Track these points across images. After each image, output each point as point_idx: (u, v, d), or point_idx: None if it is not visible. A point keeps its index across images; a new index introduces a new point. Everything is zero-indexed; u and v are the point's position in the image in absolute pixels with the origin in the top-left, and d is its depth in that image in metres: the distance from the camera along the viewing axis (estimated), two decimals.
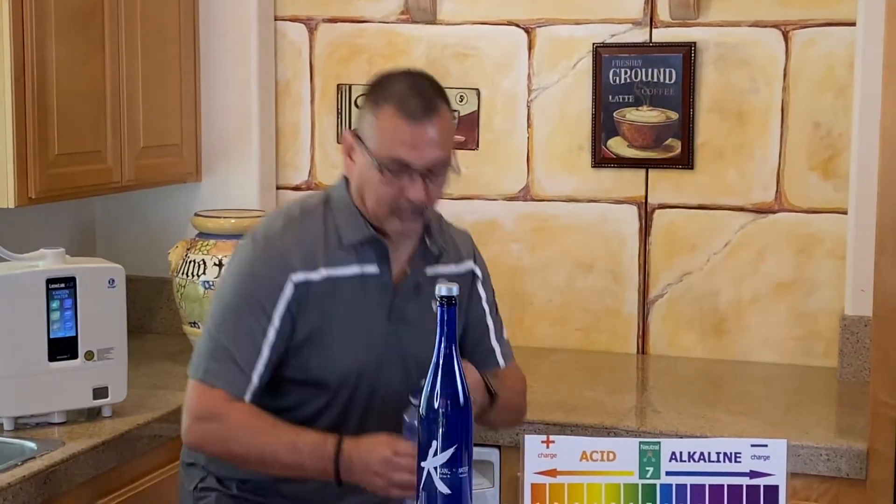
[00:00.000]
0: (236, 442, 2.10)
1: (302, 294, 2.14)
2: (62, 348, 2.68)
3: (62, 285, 2.68)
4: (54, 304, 2.67)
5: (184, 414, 2.16)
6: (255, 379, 2.12)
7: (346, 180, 2.21)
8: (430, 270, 2.24)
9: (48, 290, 2.66)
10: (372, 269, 2.18)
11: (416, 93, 2.12)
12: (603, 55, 3.38)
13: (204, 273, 3.25)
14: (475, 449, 2.71)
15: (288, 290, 2.13)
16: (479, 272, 2.35)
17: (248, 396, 2.13)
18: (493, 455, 2.79)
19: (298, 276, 2.14)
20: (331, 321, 2.16)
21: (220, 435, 2.11)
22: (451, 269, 2.27)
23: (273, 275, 2.14)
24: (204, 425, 2.12)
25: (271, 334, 2.13)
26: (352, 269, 2.18)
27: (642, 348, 3.46)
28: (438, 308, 1.73)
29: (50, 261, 2.70)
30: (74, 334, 2.69)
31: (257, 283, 2.15)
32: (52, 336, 2.66)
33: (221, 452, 2.14)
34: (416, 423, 1.84)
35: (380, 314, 2.19)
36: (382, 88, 2.17)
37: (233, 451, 2.11)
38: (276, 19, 3.66)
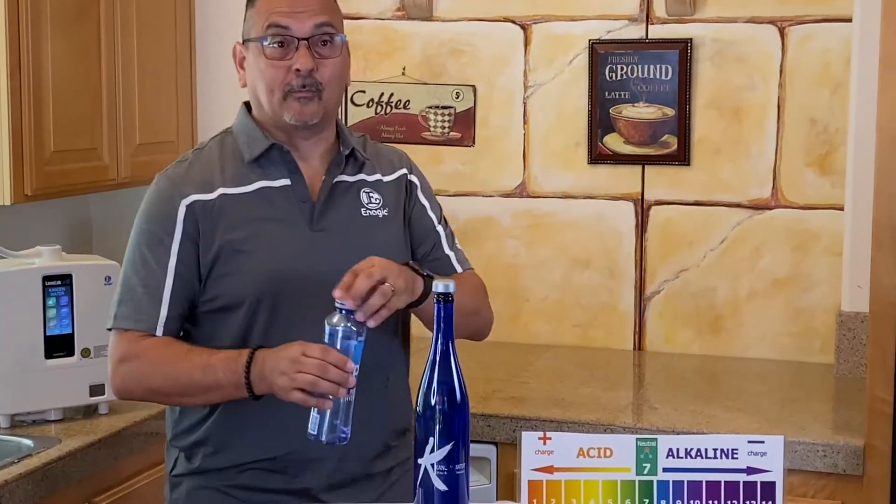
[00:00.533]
0: (154, 375, 2.06)
1: (196, 215, 2.08)
2: (58, 346, 2.68)
3: (58, 282, 2.68)
4: (50, 302, 2.67)
5: (108, 365, 2.13)
6: (164, 311, 2.07)
7: (245, 105, 2.19)
8: (353, 178, 2.18)
9: (44, 287, 2.66)
10: (283, 181, 2.12)
11: None
12: (599, 52, 3.39)
13: None
14: (472, 446, 2.72)
15: (181, 214, 2.08)
16: (416, 181, 2.27)
17: (159, 330, 2.08)
18: (489, 452, 2.79)
19: (189, 199, 2.09)
20: (237, 237, 2.08)
21: (139, 373, 2.07)
22: (378, 177, 2.21)
23: (165, 206, 2.10)
24: (123, 367, 2.08)
25: (172, 262, 2.08)
26: (255, 185, 2.11)
27: (639, 345, 3.46)
28: (435, 304, 1.72)
29: (46, 258, 2.70)
30: (71, 332, 2.69)
31: (152, 217, 2.11)
32: (48, 333, 2.67)
33: (145, 391, 2.09)
34: (338, 329, 1.87)
35: (299, 224, 2.11)
36: None
37: (153, 385, 2.06)
38: None
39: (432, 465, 1.71)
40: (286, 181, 2.12)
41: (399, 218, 2.21)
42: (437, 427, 1.70)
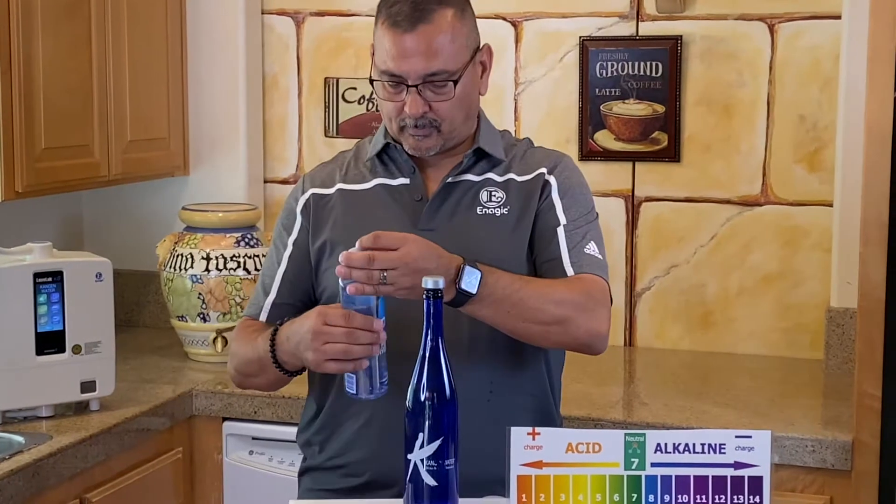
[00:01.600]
0: (234, 356, 2.16)
1: (310, 208, 2.16)
2: (49, 342, 2.68)
3: (49, 279, 2.68)
4: (41, 298, 2.67)
5: None
6: (271, 297, 2.16)
7: None
8: (479, 177, 2.14)
9: (35, 283, 2.66)
10: (402, 180, 2.14)
11: None
12: (590, 48, 3.39)
13: (191, 267, 3.25)
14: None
15: (299, 206, 2.18)
16: (554, 180, 2.15)
17: (263, 315, 2.17)
18: None
19: (308, 193, 2.18)
20: (345, 232, 2.09)
21: (230, 356, 2.18)
22: (510, 176, 2.15)
23: (290, 201, 2.21)
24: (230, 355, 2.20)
25: (287, 251, 2.17)
26: (373, 182, 2.15)
27: (629, 340, 3.47)
28: (425, 300, 1.73)
29: (37, 255, 2.70)
30: (62, 328, 2.69)
31: (282, 212, 2.23)
32: (39, 330, 2.67)
33: (234, 372, 2.17)
34: (347, 288, 1.84)
35: (405, 223, 2.08)
36: None
37: (235, 365, 2.15)
38: (263, 13, 3.66)
39: (422, 460, 1.71)
40: (405, 180, 2.14)
41: (525, 218, 2.13)
42: (427, 423, 1.71)
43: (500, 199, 2.13)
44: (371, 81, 2.08)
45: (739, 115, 3.33)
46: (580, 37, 3.40)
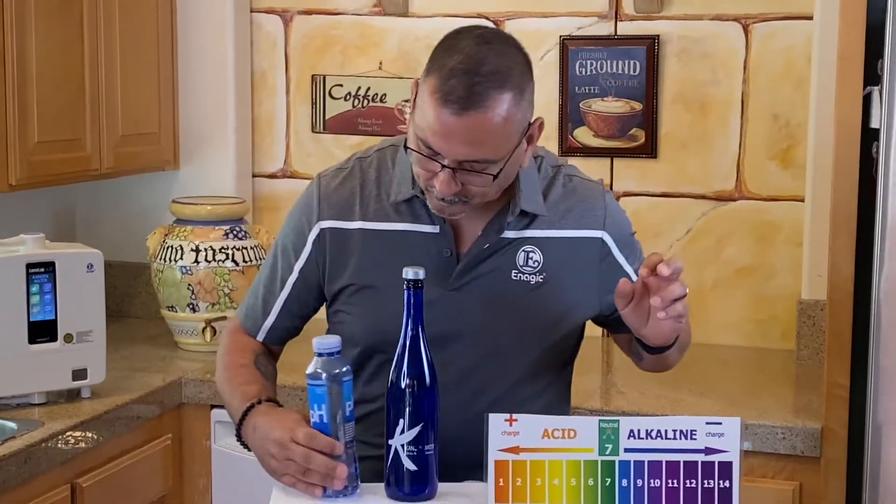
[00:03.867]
0: (219, 373, 2.07)
1: (326, 242, 1.96)
2: (42, 331, 2.68)
3: (42, 270, 2.67)
4: (34, 288, 2.66)
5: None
6: (272, 318, 2.05)
7: None
8: (517, 234, 1.94)
9: (28, 274, 2.65)
10: (431, 227, 1.92)
11: (465, 70, 1.74)
12: (569, 47, 3.40)
13: (181, 258, 3.25)
14: None
15: (311, 236, 1.97)
16: (609, 240, 1.99)
17: (261, 335, 2.07)
18: None
19: (326, 223, 1.96)
20: (365, 281, 1.94)
21: (220, 363, 2.08)
22: (551, 234, 1.95)
23: (305, 218, 1.99)
24: (222, 345, 2.11)
25: (292, 279, 2.01)
26: (400, 226, 1.93)
27: (607, 332, 3.47)
28: (405, 291, 1.73)
29: (30, 246, 2.69)
30: (54, 317, 2.69)
31: (293, 225, 2.02)
32: (31, 319, 2.66)
33: (217, 379, 2.10)
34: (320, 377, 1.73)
35: (437, 279, 1.88)
36: (442, 51, 1.82)
37: (217, 377, 2.09)
38: (251, 11, 3.65)
39: (402, 445, 1.72)
40: (434, 228, 1.92)
41: (564, 283, 1.95)
42: (407, 409, 1.73)
43: (536, 262, 1.94)
44: (405, 146, 1.86)
45: (714, 113, 3.34)
46: (560, 36, 3.41)
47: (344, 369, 1.75)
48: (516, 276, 1.94)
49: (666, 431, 1.68)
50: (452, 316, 1.91)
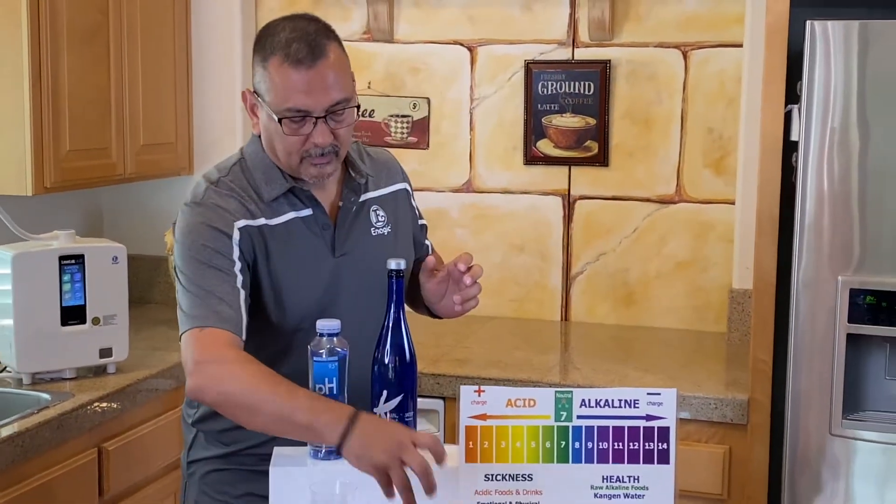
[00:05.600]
0: (233, 383, 1.73)
1: (247, 238, 1.86)
2: (73, 315, 2.67)
3: (73, 261, 2.67)
4: (66, 278, 2.66)
5: (185, 368, 1.78)
6: (244, 315, 1.81)
7: (259, 136, 1.93)
8: (363, 198, 1.98)
9: (60, 265, 2.65)
10: (306, 212, 1.91)
11: (299, 37, 1.80)
12: (533, 70, 3.40)
13: None
14: (424, 400, 2.75)
15: (235, 236, 1.85)
16: (408, 188, 2.11)
17: (243, 334, 1.81)
18: (438, 405, 2.81)
19: (240, 223, 1.86)
20: (277, 266, 1.88)
21: (219, 376, 1.74)
22: (381, 191, 2.03)
23: (218, 225, 1.85)
24: (205, 367, 1.75)
25: (239, 275, 1.83)
26: (286, 217, 1.90)
27: (565, 316, 3.49)
28: (388, 279, 1.74)
29: (62, 241, 2.69)
30: (83, 303, 2.68)
31: (208, 235, 1.84)
32: (64, 304, 2.66)
33: (218, 394, 1.74)
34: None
35: (324, 251, 1.91)
36: (267, 39, 1.84)
37: (230, 391, 1.72)
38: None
39: (385, 413, 1.73)
40: (309, 211, 1.92)
41: (403, 229, 2.04)
42: (390, 382, 1.73)
43: (383, 217, 2.01)
44: (280, 121, 1.82)
45: (658, 127, 3.35)
46: (525, 60, 3.42)
47: (346, 348, 1.72)
48: (374, 233, 1.99)
49: (612, 401, 1.69)
50: (345, 279, 1.91)
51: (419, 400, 1.82)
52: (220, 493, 1.97)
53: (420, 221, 2.17)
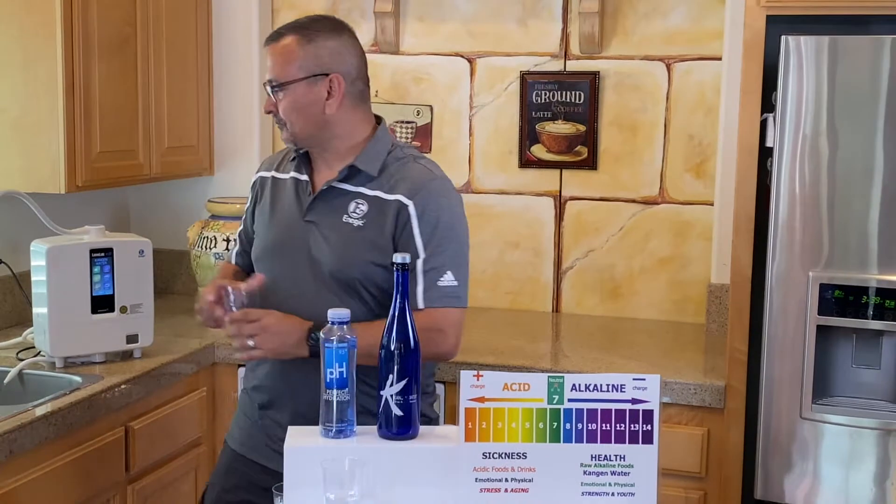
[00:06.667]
0: None
1: (258, 185, 2.23)
2: (102, 304, 2.67)
3: (102, 254, 2.67)
4: (96, 269, 2.66)
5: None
6: (237, 243, 2.30)
7: None
8: (355, 187, 2.06)
9: (91, 258, 2.65)
10: (304, 176, 2.13)
11: (286, 25, 2.08)
12: (528, 80, 3.40)
13: (215, 246, 3.24)
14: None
15: (254, 181, 2.25)
16: (413, 209, 2.02)
17: (233, 258, 2.31)
18: (439, 389, 2.80)
19: (259, 174, 2.24)
20: (265, 210, 2.17)
21: None
22: (377, 193, 2.04)
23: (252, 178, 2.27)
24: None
25: (248, 211, 2.26)
26: (289, 175, 2.16)
27: (556, 308, 3.49)
28: (394, 272, 1.74)
29: (93, 235, 2.68)
30: (112, 293, 2.68)
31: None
32: (94, 294, 2.66)
33: None
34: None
35: (299, 211, 2.10)
36: None
37: None
38: None
39: (391, 395, 1.73)
40: (305, 177, 2.13)
41: (378, 233, 2.02)
42: (396, 367, 1.72)
43: (361, 212, 2.04)
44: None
45: (642, 134, 3.35)
46: (521, 71, 3.41)
47: (355, 335, 1.73)
48: (345, 219, 2.05)
49: (601, 385, 1.69)
50: (301, 239, 2.06)
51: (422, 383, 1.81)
52: None
53: (418, 249, 2.01)
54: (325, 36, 2.05)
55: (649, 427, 1.68)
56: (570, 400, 1.69)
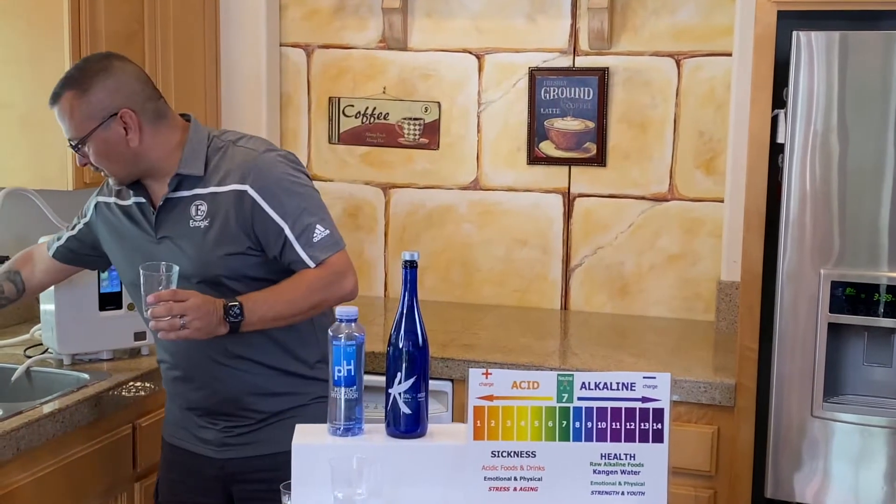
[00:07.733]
0: None
1: (95, 211, 2.25)
2: (110, 301, 2.67)
3: None
4: None
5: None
6: (56, 244, 2.36)
7: None
8: (189, 191, 2.08)
9: None
10: (141, 199, 2.14)
11: (55, 85, 2.07)
12: (536, 77, 3.39)
13: None
14: (432, 382, 2.74)
15: (91, 205, 2.28)
16: (253, 192, 2.03)
17: (51, 251, 2.37)
18: (447, 386, 2.80)
19: (99, 198, 2.26)
20: (113, 241, 2.21)
21: None
22: (212, 189, 2.07)
23: (95, 194, 2.29)
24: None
25: (78, 225, 2.32)
26: (131, 201, 2.16)
27: (565, 305, 3.48)
28: (402, 270, 1.73)
29: None
30: (119, 290, 2.68)
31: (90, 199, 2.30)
32: (101, 291, 2.66)
33: None
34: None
35: (148, 232, 2.13)
36: None
37: None
38: (280, 45, 3.64)
39: (399, 393, 1.72)
40: (142, 199, 2.14)
41: (225, 225, 2.05)
42: (404, 365, 1.72)
43: (203, 212, 2.07)
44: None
45: (652, 130, 3.34)
46: (529, 67, 3.40)
47: (363, 333, 1.73)
48: (192, 224, 2.07)
49: (610, 384, 1.68)
50: (159, 257, 2.04)
51: (430, 381, 1.81)
52: None
53: (279, 224, 2.03)
54: (97, 80, 2.04)
55: (660, 426, 1.68)
56: (579, 398, 1.68)
